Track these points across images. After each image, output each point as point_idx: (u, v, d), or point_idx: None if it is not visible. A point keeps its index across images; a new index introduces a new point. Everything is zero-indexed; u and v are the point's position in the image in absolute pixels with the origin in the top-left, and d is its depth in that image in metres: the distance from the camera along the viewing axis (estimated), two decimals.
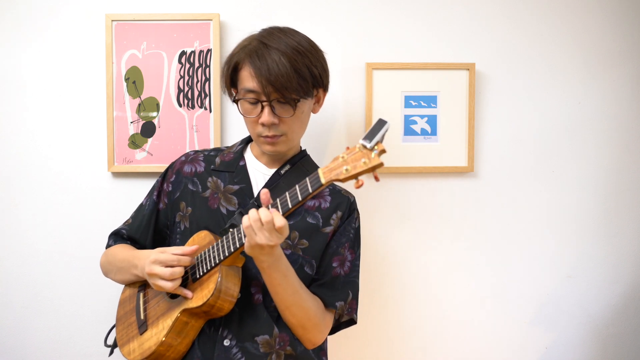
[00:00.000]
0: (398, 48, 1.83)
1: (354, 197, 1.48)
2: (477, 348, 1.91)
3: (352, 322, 1.45)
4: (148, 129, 1.79)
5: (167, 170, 1.52)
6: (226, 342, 1.30)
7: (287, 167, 1.43)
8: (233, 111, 1.80)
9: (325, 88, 1.42)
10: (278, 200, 1.16)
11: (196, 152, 1.52)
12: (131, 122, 1.79)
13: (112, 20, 1.77)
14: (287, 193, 1.15)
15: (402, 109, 1.82)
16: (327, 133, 1.83)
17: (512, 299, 1.90)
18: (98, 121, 1.81)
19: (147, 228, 1.48)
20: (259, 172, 1.44)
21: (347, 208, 1.43)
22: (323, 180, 1.10)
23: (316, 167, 1.47)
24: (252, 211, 1.15)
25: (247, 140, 1.52)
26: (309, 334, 1.34)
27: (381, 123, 1.07)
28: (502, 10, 1.86)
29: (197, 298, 1.26)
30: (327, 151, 1.84)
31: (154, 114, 1.79)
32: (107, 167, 1.79)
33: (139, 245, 1.49)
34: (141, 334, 1.34)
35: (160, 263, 1.26)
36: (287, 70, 1.28)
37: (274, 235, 1.15)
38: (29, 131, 1.81)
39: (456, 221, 1.88)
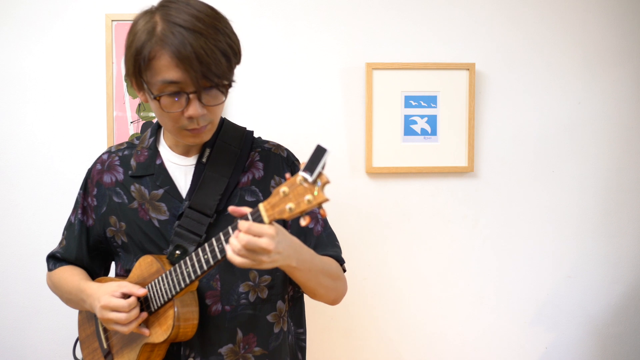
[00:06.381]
0: (398, 48, 1.83)
1: (287, 150, 1.34)
2: (477, 348, 1.90)
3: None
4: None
5: (85, 182, 1.38)
6: None
7: (207, 153, 1.28)
8: (232, 111, 1.80)
9: (239, 62, 1.22)
10: (221, 234, 1.05)
11: (109, 154, 1.36)
12: (131, 122, 1.79)
13: (112, 20, 1.77)
14: (221, 234, 1.05)
15: (402, 109, 1.82)
16: (326, 133, 1.83)
17: (512, 299, 1.90)
18: (98, 121, 1.81)
19: (80, 249, 1.37)
20: (177, 166, 1.29)
21: (285, 165, 1.31)
22: (266, 220, 1.00)
23: (239, 128, 1.33)
24: (229, 249, 1.02)
25: (157, 127, 1.36)
26: (340, 289, 1.29)
27: (320, 151, 0.93)
28: (502, 11, 1.86)
29: (158, 334, 1.20)
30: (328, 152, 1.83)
31: (154, 114, 1.78)
32: None
33: (80, 265, 1.39)
34: None
35: (111, 309, 1.17)
36: (215, 54, 1.11)
37: (264, 249, 1.01)
38: (29, 131, 1.81)
39: (456, 221, 1.88)
